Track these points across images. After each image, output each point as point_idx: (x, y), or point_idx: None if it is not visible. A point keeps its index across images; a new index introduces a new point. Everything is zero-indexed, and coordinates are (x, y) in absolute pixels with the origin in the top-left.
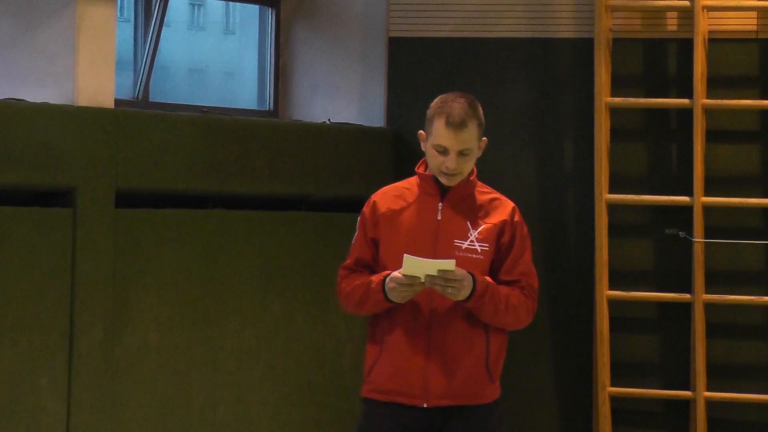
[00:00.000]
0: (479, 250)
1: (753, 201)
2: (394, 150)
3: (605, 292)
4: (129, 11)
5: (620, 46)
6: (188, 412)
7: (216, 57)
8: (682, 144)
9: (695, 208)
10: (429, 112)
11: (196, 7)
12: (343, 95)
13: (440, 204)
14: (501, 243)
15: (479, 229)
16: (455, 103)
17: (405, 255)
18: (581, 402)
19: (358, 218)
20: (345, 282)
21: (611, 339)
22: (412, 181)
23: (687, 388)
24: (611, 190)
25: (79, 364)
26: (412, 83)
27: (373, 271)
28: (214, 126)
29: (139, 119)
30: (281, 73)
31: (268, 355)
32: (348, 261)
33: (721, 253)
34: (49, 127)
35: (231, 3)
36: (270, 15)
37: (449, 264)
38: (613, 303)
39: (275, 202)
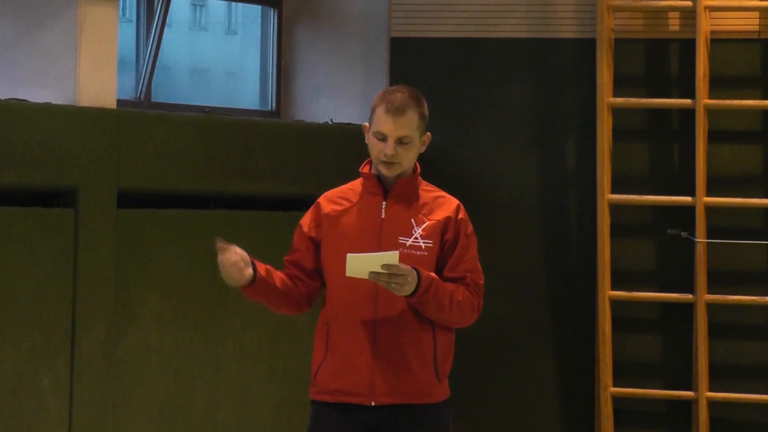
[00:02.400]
0: (423, 247)
1: (755, 201)
2: None
3: (607, 293)
4: (131, 11)
5: (622, 46)
6: (190, 412)
7: (218, 57)
8: (684, 144)
9: (697, 209)
10: (372, 103)
11: (198, 8)
12: (345, 95)
13: (384, 202)
14: (445, 240)
15: (423, 226)
16: (397, 93)
17: (348, 255)
18: (583, 402)
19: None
20: None
21: (613, 339)
22: (356, 183)
23: (689, 389)
24: (613, 190)
25: (81, 364)
26: (414, 83)
27: (304, 269)
28: (216, 126)
29: (141, 119)
30: (283, 74)
31: (270, 356)
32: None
33: (724, 253)
34: (51, 128)
35: (233, 3)
36: (272, 15)
37: (393, 256)
38: (615, 303)
39: (277, 203)
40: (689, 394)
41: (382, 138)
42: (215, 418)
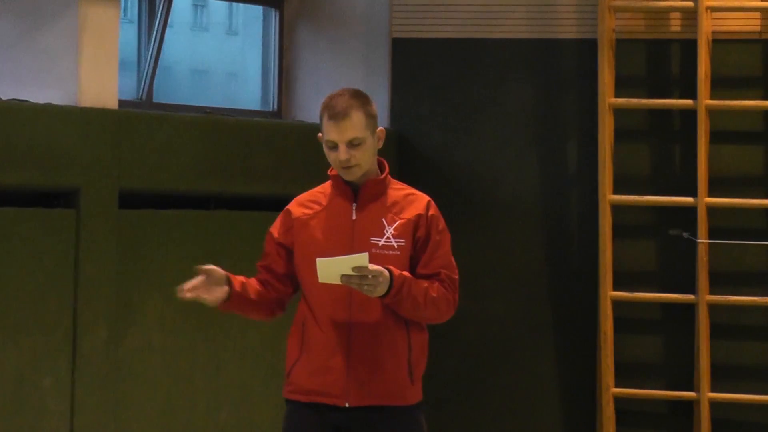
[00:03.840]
0: (396, 246)
1: (756, 202)
2: (398, 151)
3: (609, 293)
4: (132, 12)
5: (623, 46)
6: (192, 412)
7: (219, 58)
8: (686, 145)
9: (699, 209)
10: (319, 111)
11: (199, 8)
12: None
13: (354, 203)
14: (417, 237)
15: (394, 225)
16: (338, 97)
17: (317, 259)
18: (585, 403)
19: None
20: None
21: (615, 340)
22: (325, 186)
23: (691, 389)
24: (615, 191)
25: (82, 364)
26: (415, 84)
27: (275, 274)
28: (218, 127)
29: (143, 120)
30: (284, 74)
31: (272, 356)
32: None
33: (725, 253)
34: (52, 128)
35: (234, 4)
36: (273, 16)
37: (362, 259)
38: (616, 304)
39: (278, 203)
40: (691, 394)
41: (333, 146)
42: (216, 419)
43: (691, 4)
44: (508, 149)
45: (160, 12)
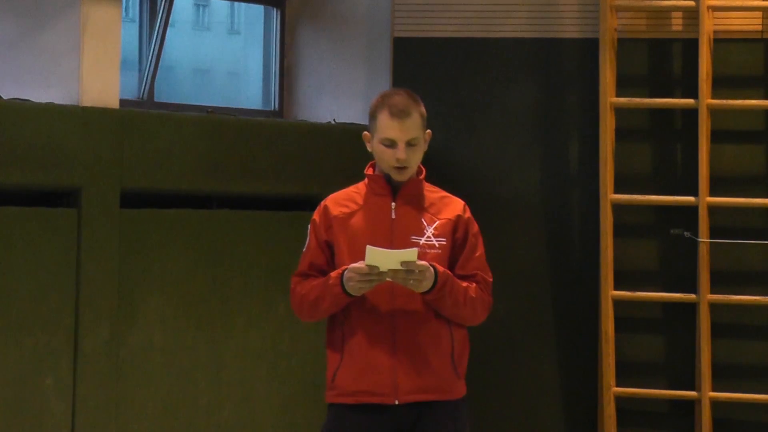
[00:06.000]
0: (437, 245)
1: (758, 201)
2: None
3: (610, 292)
4: (134, 11)
5: (625, 46)
6: (193, 412)
7: (221, 57)
8: (687, 144)
9: (700, 208)
10: (371, 110)
11: (201, 7)
12: (348, 95)
13: (393, 203)
14: (456, 238)
15: (435, 225)
16: (396, 96)
17: (368, 246)
18: (586, 402)
19: (309, 225)
20: (300, 286)
21: (616, 339)
22: (360, 186)
23: (692, 389)
24: (616, 190)
25: (84, 364)
26: (417, 83)
27: (323, 271)
28: (219, 126)
29: (144, 119)
30: (286, 73)
31: (273, 356)
32: (301, 268)
33: (726, 253)
34: (54, 128)
35: (236, 3)
36: (275, 15)
37: (411, 254)
38: (618, 303)
39: (280, 203)
40: (692, 394)
41: (391, 144)
42: (218, 418)
43: (692, 3)
44: (509, 148)
45: (161, 11)
